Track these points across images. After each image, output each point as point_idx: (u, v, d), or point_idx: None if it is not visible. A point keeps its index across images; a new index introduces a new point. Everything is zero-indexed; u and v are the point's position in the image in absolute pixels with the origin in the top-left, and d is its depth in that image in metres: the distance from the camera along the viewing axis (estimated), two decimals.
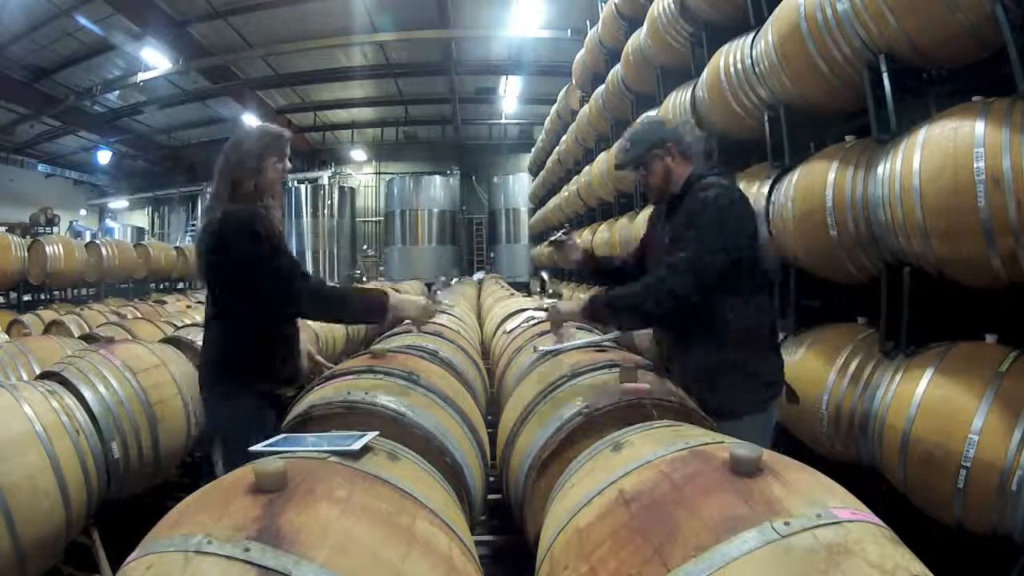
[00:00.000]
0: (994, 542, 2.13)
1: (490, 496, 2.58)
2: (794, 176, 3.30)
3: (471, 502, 2.08)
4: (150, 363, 3.21)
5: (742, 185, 3.93)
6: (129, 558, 1.04)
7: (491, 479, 2.57)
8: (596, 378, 2.27)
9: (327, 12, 12.62)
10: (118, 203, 21.70)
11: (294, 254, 2.15)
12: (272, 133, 2.19)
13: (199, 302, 8.71)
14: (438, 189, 18.89)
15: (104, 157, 18.60)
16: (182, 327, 4.83)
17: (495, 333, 5.30)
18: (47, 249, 9.27)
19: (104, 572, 2.51)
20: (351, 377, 2.34)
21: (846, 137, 3.21)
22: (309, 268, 19.72)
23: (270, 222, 2.09)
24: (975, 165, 2.18)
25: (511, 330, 4.46)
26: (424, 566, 1.13)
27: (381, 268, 19.85)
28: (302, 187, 19.25)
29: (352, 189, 20.34)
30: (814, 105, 3.48)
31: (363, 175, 21.15)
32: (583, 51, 9.75)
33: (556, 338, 2.83)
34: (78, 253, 10.10)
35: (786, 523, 0.96)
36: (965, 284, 2.51)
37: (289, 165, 2.21)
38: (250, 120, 17.40)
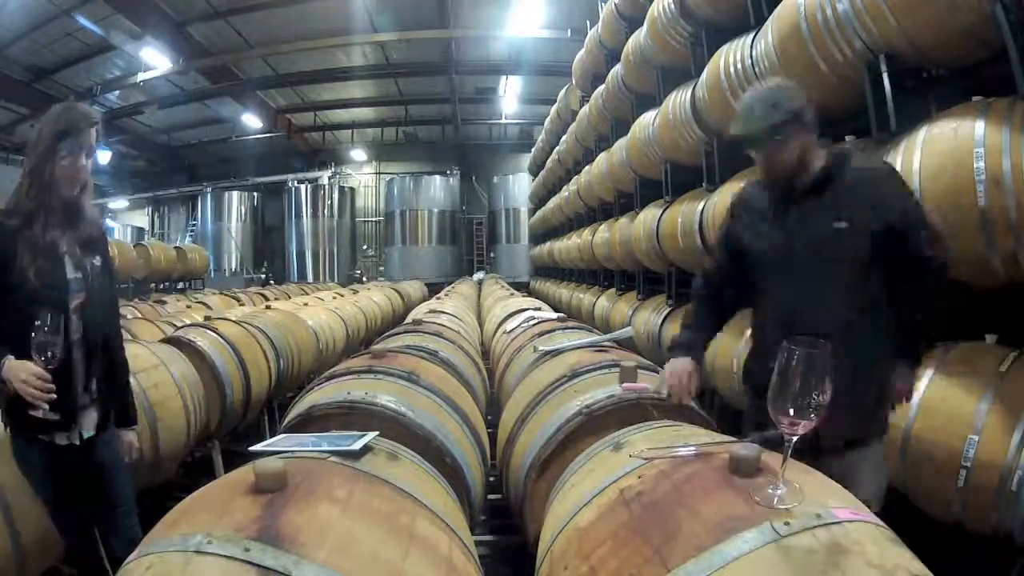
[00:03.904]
0: (994, 542, 2.13)
1: (490, 496, 2.58)
2: None
3: (471, 502, 2.08)
4: (150, 363, 3.21)
5: (740, 186, 3.92)
6: (129, 558, 1.04)
7: (491, 479, 2.57)
8: (596, 378, 2.27)
9: (327, 12, 12.62)
10: (118, 203, 21.68)
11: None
12: (67, 112, 1.78)
13: (199, 302, 8.71)
14: (438, 189, 18.90)
15: (104, 157, 18.58)
16: (182, 327, 4.83)
17: (495, 333, 5.31)
18: None
19: (104, 572, 2.50)
20: (351, 377, 2.34)
21: (846, 137, 3.21)
22: (309, 269, 19.43)
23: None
24: (975, 165, 2.17)
25: (511, 330, 4.47)
26: (424, 566, 1.13)
27: (381, 268, 19.85)
28: (302, 187, 19.27)
29: (352, 189, 20.35)
30: (813, 105, 3.47)
31: (363, 175, 21.16)
32: (583, 51, 9.75)
33: None
34: None
35: (786, 523, 0.96)
36: (965, 284, 2.50)
37: (83, 160, 1.77)
38: (251, 121, 17.44)
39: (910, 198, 1.82)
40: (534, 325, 4.15)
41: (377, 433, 1.59)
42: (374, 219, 20.93)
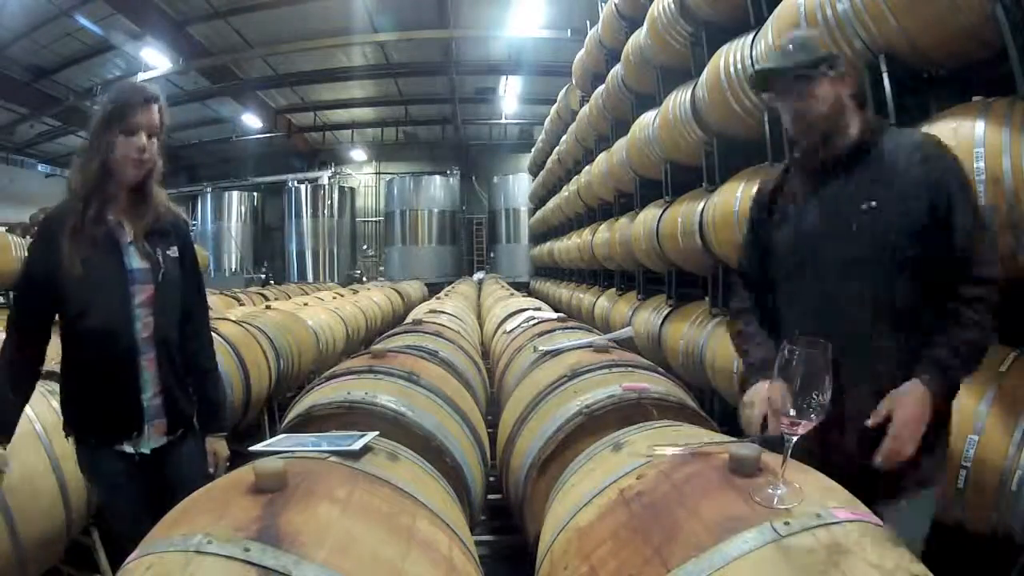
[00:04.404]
0: (994, 542, 2.13)
1: (490, 496, 2.58)
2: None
3: (471, 502, 2.08)
4: None
5: (740, 186, 3.93)
6: (129, 558, 1.04)
7: (491, 479, 2.57)
8: (596, 378, 2.27)
9: (327, 12, 12.61)
10: None
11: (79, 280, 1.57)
12: (119, 91, 1.66)
13: None
14: (438, 189, 18.90)
15: None
16: None
17: (495, 333, 5.31)
18: None
19: (104, 572, 2.50)
20: (351, 377, 2.34)
21: None
22: (309, 269, 19.28)
23: (56, 233, 1.57)
24: (975, 165, 2.17)
25: (511, 330, 4.47)
26: (424, 566, 1.13)
27: (381, 268, 19.85)
28: (302, 187, 19.27)
29: (352, 189, 20.34)
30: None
31: (363, 175, 21.15)
32: (583, 51, 9.75)
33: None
34: None
35: (786, 523, 0.96)
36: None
37: (142, 140, 1.62)
38: (251, 121, 17.42)
39: (960, 173, 1.43)
40: (534, 325, 4.16)
41: (377, 433, 1.59)
42: (374, 219, 20.92)
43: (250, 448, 1.49)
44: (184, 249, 1.80)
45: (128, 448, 1.66)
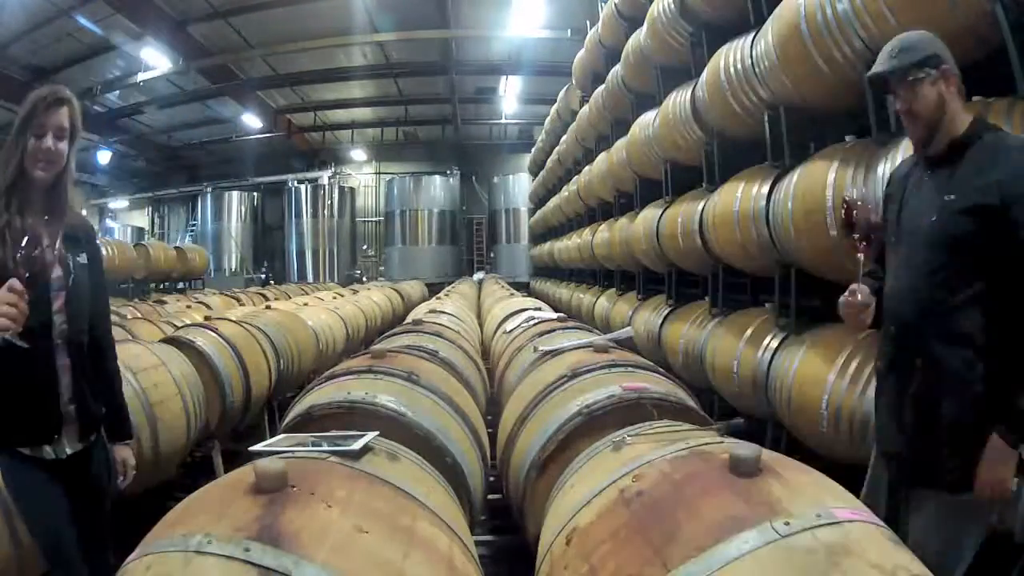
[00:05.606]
0: (994, 542, 2.13)
1: (490, 496, 2.58)
2: (794, 176, 3.30)
3: (471, 502, 2.08)
4: (150, 363, 3.21)
5: (740, 186, 3.92)
6: (129, 558, 1.04)
7: (491, 479, 2.56)
8: (596, 378, 2.27)
9: (327, 12, 12.63)
10: (118, 203, 21.71)
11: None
12: (35, 93, 1.65)
13: (199, 302, 8.72)
14: (438, 189, 18.93)
15: (104, 157, 18.60)
16: (182, 327, 4.83)
17: (495, 333, 5.31)
18: None
19: None
20: (351, 377, 2.34)
21: (846, 137, 3.20)
22: (309, 269, 19.42)
23: None
24: None
25: (511, 330, 4.47)
26: (424, 566, 1.13)
27: (381, 268, 19.86)
28: (302, 187, 19.29)
29: (352, 189, 20.36)
30: (814, 105, 3.47)
31: (363, 175, 21.17)
32: (583, 51, 9.76)
33: None
34: None
35: (786, 523, 0.96)
36: None
37: (48, 142, 1.62)
38: (251, 121, 17.40)
39: None
40: (534, 325, 4.15)
41: (377, 433, 1.59)
42: (374, 219, 20.95)
43: (250, 448, 1.49)
44: (93, 256, 1.82)
45: (49, 453, 1.66)
